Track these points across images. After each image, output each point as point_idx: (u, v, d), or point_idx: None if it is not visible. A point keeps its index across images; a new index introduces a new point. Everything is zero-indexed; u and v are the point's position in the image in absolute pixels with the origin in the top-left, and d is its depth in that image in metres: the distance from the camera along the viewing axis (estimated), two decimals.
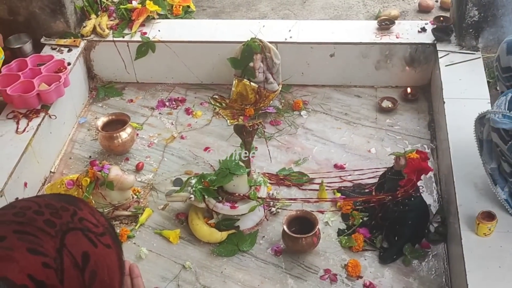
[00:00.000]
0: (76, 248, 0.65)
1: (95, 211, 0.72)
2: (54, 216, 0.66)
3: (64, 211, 0.68)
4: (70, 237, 0.65)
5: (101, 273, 0.67)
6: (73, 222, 0.67)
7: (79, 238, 0.66)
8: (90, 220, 0.69)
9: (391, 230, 1.84)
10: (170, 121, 2.48)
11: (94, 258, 0.66)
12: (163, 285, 1.78)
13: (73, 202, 0.71)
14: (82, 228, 0.67)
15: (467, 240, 1.62)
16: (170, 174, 2.20)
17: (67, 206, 0.69)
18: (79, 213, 0.69)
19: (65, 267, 0.63)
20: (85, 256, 0.65)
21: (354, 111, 2.47)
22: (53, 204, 0.68)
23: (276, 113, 2.47)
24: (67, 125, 2.41)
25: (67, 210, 0.68)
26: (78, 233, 0.66)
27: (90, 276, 0.65)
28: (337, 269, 1.81)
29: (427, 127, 2.35)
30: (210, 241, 1.90)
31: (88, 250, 0.66)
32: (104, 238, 0.69)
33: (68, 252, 0.64)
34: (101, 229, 0.70)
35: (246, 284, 1.78)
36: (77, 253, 0.64)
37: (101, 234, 0.69)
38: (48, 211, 0.67)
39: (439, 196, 2.02)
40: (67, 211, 0.68)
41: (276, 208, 2.01)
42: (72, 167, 2.26)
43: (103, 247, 0.68)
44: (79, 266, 0.64)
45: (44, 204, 0.68)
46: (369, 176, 2.10)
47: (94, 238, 0.67)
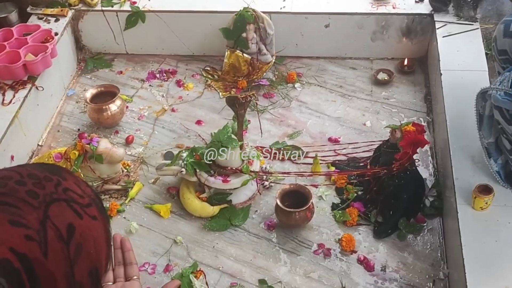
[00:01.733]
0: (60, 220, 0.63)
1: (80, 181, 0.70)
2: (37, 186, 0.64)
3: (48, 181, 0.65)
4: (54, 208, 0.63)
5: (87, 246, 0.65)
6: (57, 192, 0.65)
7: (64, 209, 0.64)
8: (75, 191, 0.67)
9: (386, 204, 1.84)
10: (161, 94, 2.46)
11: (79, 230, 0.64)
12: (154, 259, 1.77)
13: (57, 171, 0.69)
14: (66, 199, 0.65)
15: (463, 214, 1.62)
16: (160, 147, 2.17)
17: (51, 176, 0.66)
18: (64, 183, 0.67)
19: (49, 239, 0.61)
20: (70, 228, 0.63)
21: (349, 84, 2.45)
22: (36, 174, 0.66)
23: (269, 86, 2.45)
24: (55, 97, 2.38)
25: (50, 180, 0.66)
26: (63, 204, 0.64)
27: (75, 249, 0.63)
28: (331, 243, 1.80)
29: (424, 100, 2.33)
30: (201, 216, 1.89)
31: (73, 222, 0.64)
32: (90, 209, 0.67)
33: (52, 224, 0.62)
34: (87, 200, 0.68)
35: (239, 259, 1.77)
36: (61, 225, 0.62)
37: (86, 205, 0.67)
38: (31, 181, 0.64)
39: (435, 170, 2.01)
40: (51, 181, 0.66)
41: (269, 182, 1.99)
42: (60, 140, 2.24)
43: (89, 219, 0.66)
44: (63, 238, 0.62)
45: (27, 174, 0.65)
46: (364, 149, 2.09)
47: (79, 209, 0.65)
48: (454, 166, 1.76)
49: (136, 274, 1.13)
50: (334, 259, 1.76)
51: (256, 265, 1.75)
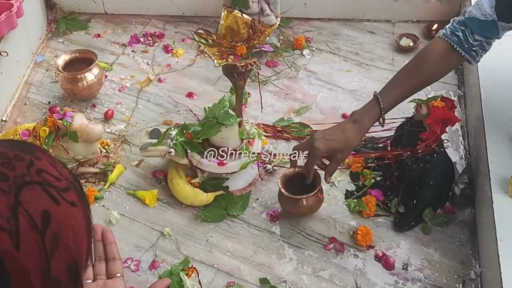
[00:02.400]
0: (34, 206, 0.63)
1: (56, 162, 0.70)
2: (6, 167, 0.64)
3: (19, 161, 0.65)
4: (26, 192, 0.63)
5: (65, 237, 0.65)
6: (29, 174, 0.65)
7: (38, 194, 0.64)
8: (51, 172, 0.67)
9: (409, 192, 1.84)
10: (146, 61, 2.45)
11: (56, 218, 0.64)
12: (137, 255, 1.78)
13: (29, 150, 0.68)
14: (41, 182, 0.65)
15: (499, 203, 1.62)
16: (145, 124, 2.18)
17: (22, 154, 0.66)
18: (37, 164, 0.66)
19: (21, 229, 0.61)
20: (45, 215, 0.63)
21: (367, 51, 2.45)
22: (4, 153, 0.65)
23: (273, 52, 2.44)
24: (21, 64, 2.38)
25: (22, 160, 0.65)
26: (36, 187, 0.64)
27: (51, 240, 0.63)
28: (344, 237, 1.81)
29: (454, 70, 2.33)
30: (193, 204, 1.90)
31: (49, 208, 0.64)
32: (68, 194, 0.67)
33: (25, 210, 0.62)
34: (64, 183, 0.68)
35: (237, 254, 1.78)
36: (35, 212, 0.62)
37: (64, 189, 0.67)
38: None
39: (467, 152, 2.02)
40: (22, 161, 0.65)
41: (273, 165, 2.00)
42: (28, 114, 2.24)
43: (67, 205, 0.66)
44: (38, 228, 0.62)
45: None
46: (384, 128, 2.08)
47: (55, 194, 0.65)
48: (489, 148, 1.76)
49: (120, 271, 1.14)
50: (347, 255, 1.77)
51: (257, 262, 1.76)
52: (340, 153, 1.67)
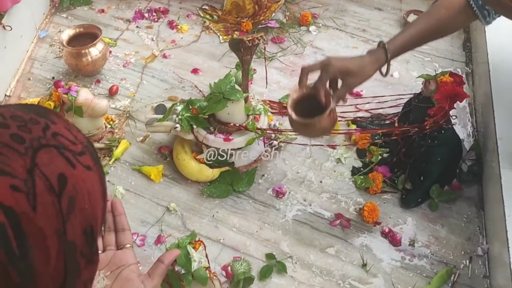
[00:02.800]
0: (50, 169, 0.62)
1: (71, 126, 0.70)
2: (22, 130, 0.63)
3: (34, 124, 0.65)
4: (42, 155, 0.63)
5: (81, 200, 0.65)
6: (45, 137, 0.64)
7: (54, 156, 0.64)
8: (66, 136, 0.67)
9: (416, 169, 1.84)
10: (150, 36, 2.45)
11: (72, 181, 0.64)
12: (143, 230, 1.78)
13: (44, 114, 0.68)
14: (56, 145, 0.65)
15: (507, 179, 1.62)
16: (150, 100, 2.17)
17: (38, 118, 0.66)
18: (53, 127, 0.66)
19: (38, 191, 0.61)
20: (62, 178, 0.63)
21: (374, 27, 2.44)
22: (20, 116, 0.65)
23: (279, 29, 2.44)
24: (25, 39, 2.37)
25: (37, 123, 0.65)
26: (52, 150, 0.64)
27: (68, 203, 0.63)
28: (350, 214, 1.81)
29: (462, 47, 2.32)
30: (199, 180, 1.90)
31: (65, 171, 0.64)
32: (83, 158, 0.67)
33: (41, 173, 0.61)
34: (80, 147, 0.68)
35: (242, 230, 1.78)
36: (51, 175, 0.62)
37: (79, 153, 0.67)
38: (15, 123, 0.64)
39: (474, 129, 2.01)
40: (38, 124, 0.65)
41: (279, 141, 2.00)
42: (32, 89, 2.23)
43: (82, 169, 0.66)
44: (54, 190, 0.62)
45: (10, 116, 0.65)
46: (391, 104, 2.08)
47: (71, 157, 0.65)
48: (497, 124, 1.76)
49: (129, 242, 1.14)
50: (354, 231, 1.77)
51: (263, 238, 1.76)
52: (353, 77, 1.61)
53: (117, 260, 1.09)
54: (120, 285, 1.04)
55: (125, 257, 1.10)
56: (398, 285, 1.64)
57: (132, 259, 1.10)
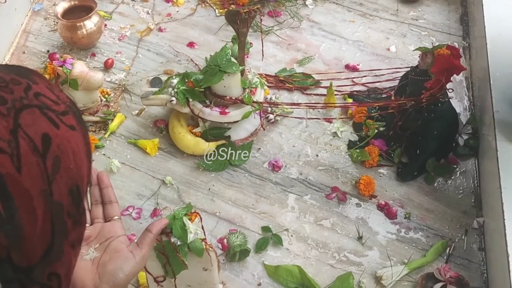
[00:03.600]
0: (34, 129, 0.62)
1: (53, 86, 0.69)
2: (3, 90, 0.62)
3: (16, 85, 0.64)
4: (25, 115, 0.62)
5: (66, 160, 0.65)
6: (27, 97, 0.63)
7: (37, 117, 0.63)
8: (49, 96, 0.66)
9: (412, 142, 1.84)
10: (146, 10, 2.43)
11: (56, 141, 0.63)
12: (139, 203, 1.78)
13: (25, 74, 0.67)
14: (39, 105, 0.64)
15: (503, 152, 1.62)
16: (146, 73, 2.16)
17: (19, 78, 0.65)
18: (34, 87, 0.65)
19: (22, 152, 0.60)
20: (46, 139, 0.63)
21: (371, 1, 2.43)
22: (1, 77, 0.64)
23: (275, 2, 2.42)
24: (19, 13, 2.35)
25: (19, 84, 0.64)
26: (35, 111, 0.63)
27: (53, 163, 0.63)
28: (346, 187, 1.81)
29: (459, 21, 2.31)
30: (195, 153, 1.90)
31: (49, 132, 0.63)
32: (66, 117, 0.66)
33: (25, 133, 0.61)
34: (63, 106, 0.67)
35: (238, 203, 1.78)
36: (35, 135, 0.62)
37: (62, 112, 0.66)
38: None
39: (471, 103, 2.01)
40: (19, 84, 0.64)
41: (275, 115, 1.99)
42: (27, 63, 2.22)
43: (66, 129, 0.65)
44: (39, 151, 0.62)
45: None
46: (388, 78, 2.08)
47: (55, 117, 0.65)
48: (494, 97, 1.76)
49: (117, 214, 1.13)
50: (350, 204, 1.78)
51: (259, 211, 1.77)
52: None
53: (106, 232, 1.09)
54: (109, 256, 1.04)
55: (114, 229, 1.09)
56: (393, 257, 1.64)
57: (120, 231, 1.09)
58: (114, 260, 1.02)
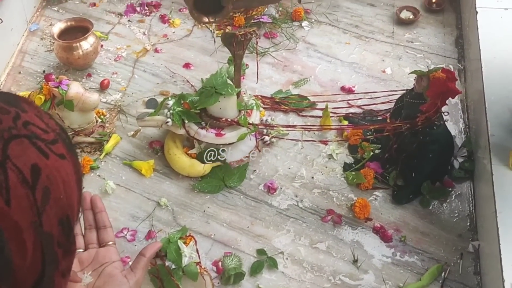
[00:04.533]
0: (23, 160, 0.61)
1: (42, 113, 0.68)
2: None
3: (4, 114, 0.63)
4: (14, 146, 0.61)
5: (56, 190, 0.64)
6: (16, 127, 0.62)
7: (26, 147, 0.62)
8: (38, 125, 0.65)
9: (407, 165, 1.84)
10: (142, 31, 2.44)
11: (46, 172, 0.63)
12: (133, 225, 1.77)
13: (14, 102, 0.66)
14: (28, 135, 0.63)
15: (499, 176, 1.63)
16: (142, 94, 2.16)
17: (7, 107, 0.64)
18: (23, 116, 0.64)
19: (11, 184, 0.59)
20: (35, 169, 0.62)
21: (367, 23, 2.44)
22: None
23: (271, 24, 2.43)
24: (16, 33, 2.36)
25: (7, 113, 0.63)
26: (24, 141, 0.62)
27: (42, 194, 0.62)
28: (342, 209, 1.81)
29: (454, 43, 2.32)
30: (190, 175, 1.90)
31: (38, 162, 0.62)
32: (56, 146, 0.66)
33: (13, 165, 0.60)
34: (52, 135, 0.66)
35: (233, 225, 1.78)
36: (24, 167, 0.61)
37: (52, 141, 0.65)
38: None
39: (466, 126, 2.02)
40: (8, 113, 0.63)
41: (271, 137, 1.99)
42: (22, 83, 2.22)
43: (56, 158, 0.65)
44: (28, 182, 0.61)
45: None
46: (383, 100, 2.09)
47: (44, 147, 0.64)
48: (489, 121, 1.76)
49: (111, 239, 1.13)
50: (345, 227, 1.77)
51: (254, 233, 1.76)
52: None
53: (100, 257, 1.08)
54: (103, 281, 1.03)
55: (108, 254, 1.09)
56: (389, 281, 1.64)
57: (115, 256, 1.09)
58: (108, 285, 1.02)
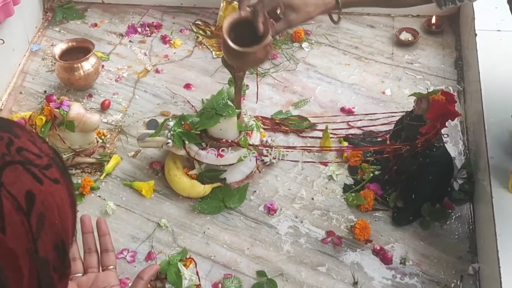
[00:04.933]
0: (17, 187, 0.61)
1: (35, 138, 0.68)
2: None
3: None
4: (8, 173, 0.61)
5: (51, 216, 0.64)
6: (10, 154, 0.63)
7: (20, 174, 0.62)
8: (31, 150, 0.65)
9: (407, 187, 1.84)
10: (143, 51, 2.45)
11: (40, 198, 0.63)
12: (133, 246, 1.78)
13: (7, 127, 0.66)
14: (22, 161, 0.63)
15: (498, 199, 1.63)
16: (142, 114, 2.17)
17: (1, 133, 0.64)
18: (17, 142, 0.64)
19: (6, 211, 0.59)
20: (29, 196, 0.62)
21: (366, 44, 2.45)
22: None
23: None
24: (17, 53, 2.37)
25: (1, 139, 0.63)
26: (18, 167, 0.62)
27: (37, 221, 0.62)
28: (342, 231, 1.81)
29: (454, 65, 2.34)
30: (190, 196, 1.90)
31: (32, 188, 0.62)
32: (50, 171, 0.66)
33: (8, 192, 0.60)
34: (46, 159, 0.66)
35: (234, 247, 1.78)
36: (19, 194, 0.61)
37: (46, 166, 0.65)
38: None
39: (466, 148, 2.02)
40: (1, 140, 0.63)
41: (271, 158, 2.00)
42: (24, 103, 2.23)
43: (50, 183, 0.65)
44: (22, 209, 0.61)
45: None
46: (383, 122, 2.09)
47: (38, 172, 0.64)
48: (489, 143, 1.77)
49: (112, 263, 1.12)
50: (345, 249, 1.77)
51: (254, 255, 1.76)
52: (295, 12, 1.55)
53: (100, 282, 1.08)
54: None
55: (108, 279, 1.08)
56: None
57: (114, 281, 1.09)
58: None
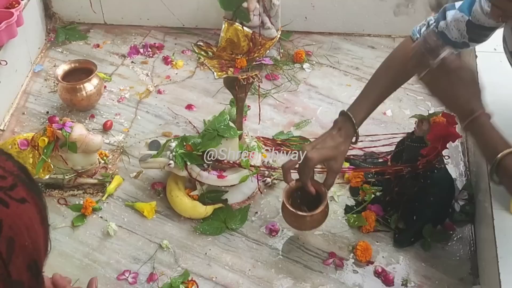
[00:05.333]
0: None
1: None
2: None
3: None
4: None
5: (20, 238, 0.63)
6: None
7: None
8: None
9: (409, 208, 1.85)
10: (145, 72, 2.47)
11: (8, 222, 0.61)
12: (135, 267, 1.78)
13: None
14: None
15: (500, 221, 1.63)
16: (144, 135, 2.18)
17: None
18: None
19: None
20: None
21: (367, 65, 2.46)
22: None
23: (273, 66, 2.46)
24: (20, 74, 2.38)
25: None
26: None
27: (7, 246, 0.61)
28: (343, 252, 1.81)
29: None
30: (192, 217, 1.90)
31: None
32: (15, 191, 0.64)
33: None
34: (10, 179, 0.64)
35: (235, 268, 1.78)
36: None
37: (11, 187, 0.64)
38: None
39: (467, 169, 2.03)
40: None
41: (272, 179, 2.00)
42: (26, 124, 2.24)
43: (16, 205, 0.63)
44: None
45: None
46: (384, 143, 2.09)
47: (3, 195, 0.62)
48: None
49: None
50: (347, 270, 1.77)
51: (256, 276, 1.76)
52: (334, 161, 1.65)
53: None
54: None
55: None
56: None
57: None
58: None
